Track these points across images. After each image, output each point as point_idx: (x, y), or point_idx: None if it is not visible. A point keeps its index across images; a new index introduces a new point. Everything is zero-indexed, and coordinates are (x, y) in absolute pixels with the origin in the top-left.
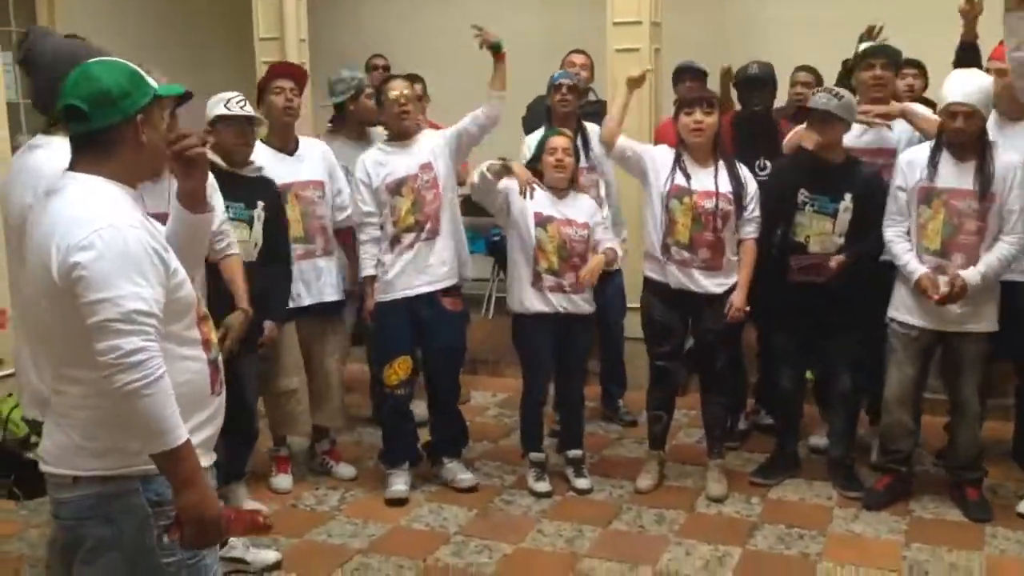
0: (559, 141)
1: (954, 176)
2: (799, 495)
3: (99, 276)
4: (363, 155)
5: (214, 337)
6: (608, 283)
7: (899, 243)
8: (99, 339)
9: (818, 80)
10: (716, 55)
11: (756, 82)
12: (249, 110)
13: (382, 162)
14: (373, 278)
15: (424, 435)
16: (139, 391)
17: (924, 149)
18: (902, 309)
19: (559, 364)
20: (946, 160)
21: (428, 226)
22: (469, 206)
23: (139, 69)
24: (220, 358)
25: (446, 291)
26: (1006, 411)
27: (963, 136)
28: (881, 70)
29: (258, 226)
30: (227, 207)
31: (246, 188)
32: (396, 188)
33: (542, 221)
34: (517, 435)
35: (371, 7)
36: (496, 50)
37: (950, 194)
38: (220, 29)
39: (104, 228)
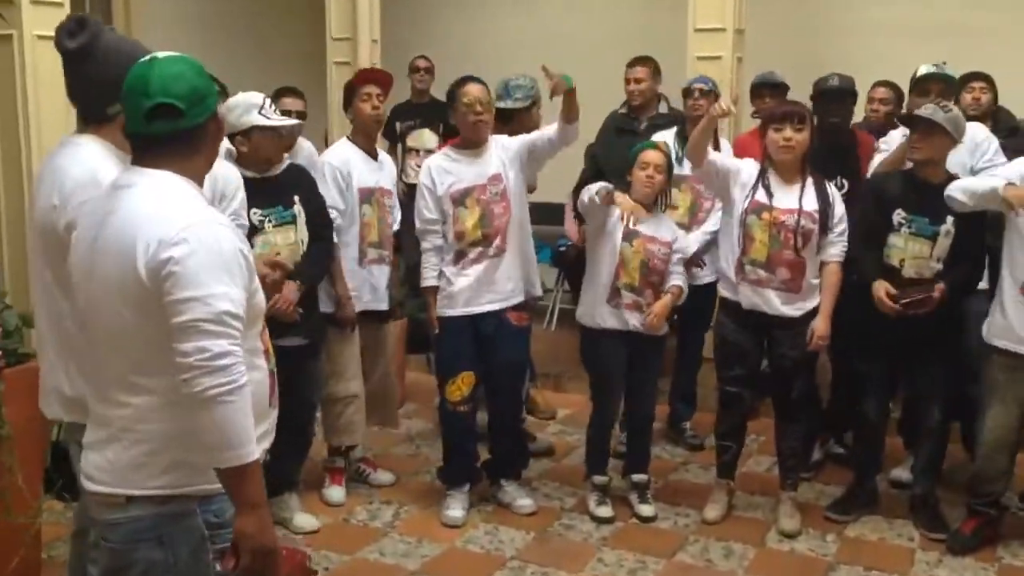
0: (653, 156)
1: None
2: (878, 534)
3: (191, 273)
4: (429, 160)
5: (271, 347)
6: (695, 294)
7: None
8: (184, 339)
9: (898, 97)
10: (799, 64)
11: (836, 95)
12: (278, 117)
13: (448, 169)
14: (435, 288)
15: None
16: (222, 397)
17: None
18: (1005, 336)
19: (629, 383)
20: None
21: (496, 242)
22: (536, 212)
23: None
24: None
25: (513, 306)
26: None
27: None
28: (937, 97)
29: (300, 222)
30: (266, 216)
31: (280, 188)
32: (461, 198)
33: (628, 235)
34: (579, 454)
35: (442, 9)
36: (567, 87)
37: None
38: (291, 28)
39: (197, 224)
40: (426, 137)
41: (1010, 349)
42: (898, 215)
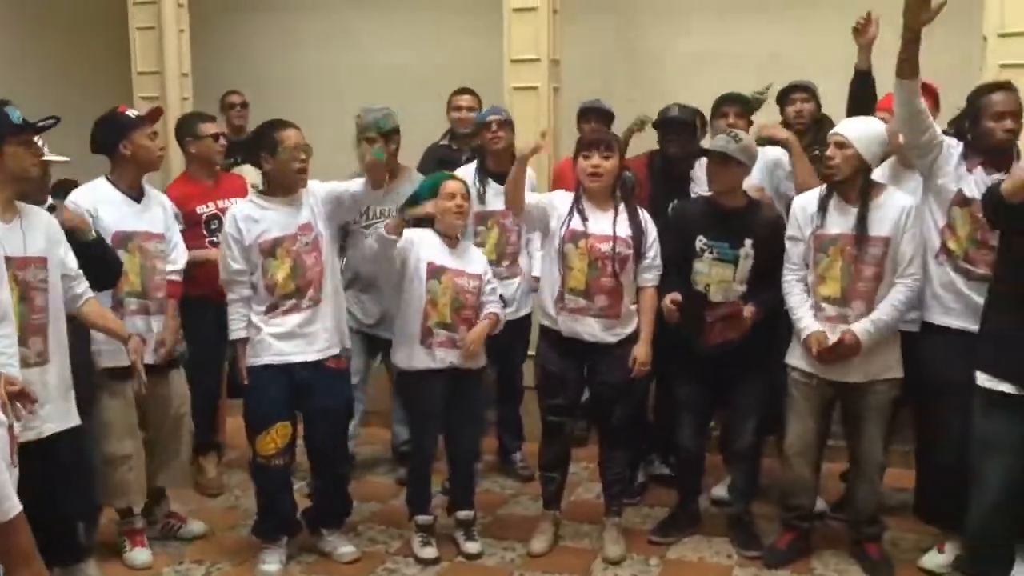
0: (457, 186)
1: (844, 221)
2: (699, 554)
3: None
4: (234, 209)
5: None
6: (511, 327)
7: (794, 295)
8: None
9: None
10: (616, 94)
11: (674, 125)
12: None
13: (256, 218)
14: (245, 340)
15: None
16: None
17: (815, 195)
18: (800, 357)
19: (450, 420)
20: (835, 205)
21: (310, 293)
22: None
23: None
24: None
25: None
26: (905, 456)
27: (834, 169)
28: (735, 119)
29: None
30: None
31: None
32: (271, 249)
33: (435, 272)
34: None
35: (260, 39)
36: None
37: (845, 240)
38: (97, 61)
39: None
40: (249, 172)
41: (800, 367)
42: (700, 241)
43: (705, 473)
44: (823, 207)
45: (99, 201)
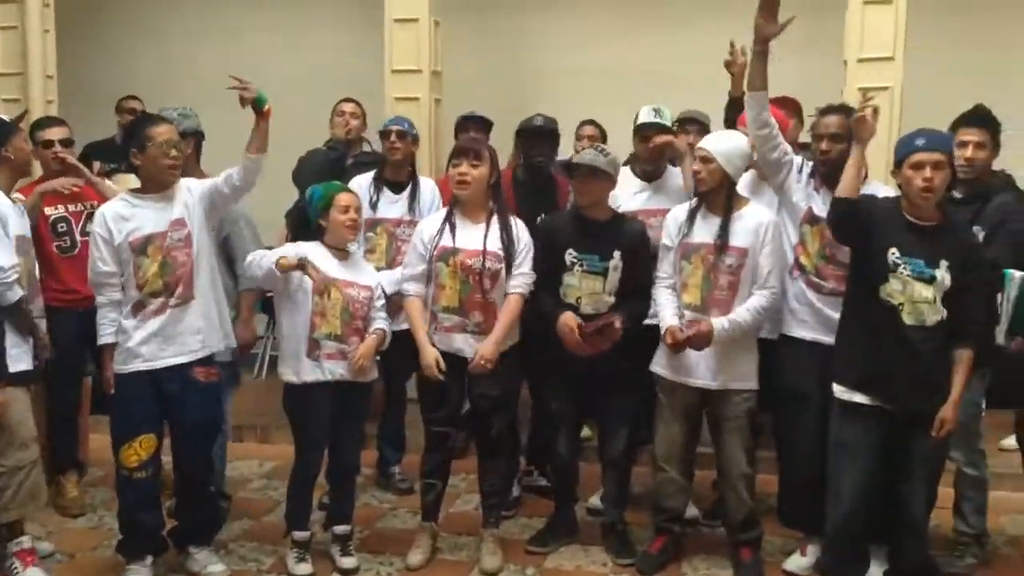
0: (350, 199)
1: (708, 231)
2: (575, 562)
3: None
4: (103, 208)
5: None
6: (398, 340)
7: (661, 299)
8: None
9: (603, 134)
10: (496, 106)
11: (539, 135)
12: None
13: (127, 216)
14: (113, 346)
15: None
16: None
17: (687, 206)
18: (664, 364)
19: (334, 434)
20: (702, 215)
21: (179, 291)
22: None
23: None
24: None
25: (199, 360)
26: (772, 463)
27: (700, 181)
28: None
29: None
30: None
31: None
32: (142, 247)
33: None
34: (282, 510)
35: (134, 41)
36: (259, 106)
37: (707, 249)
38: None
39: None
40: (132, 181)
41: (664, 374)
42: (570, 255)
43: (582, 484)
44: (691, 217)
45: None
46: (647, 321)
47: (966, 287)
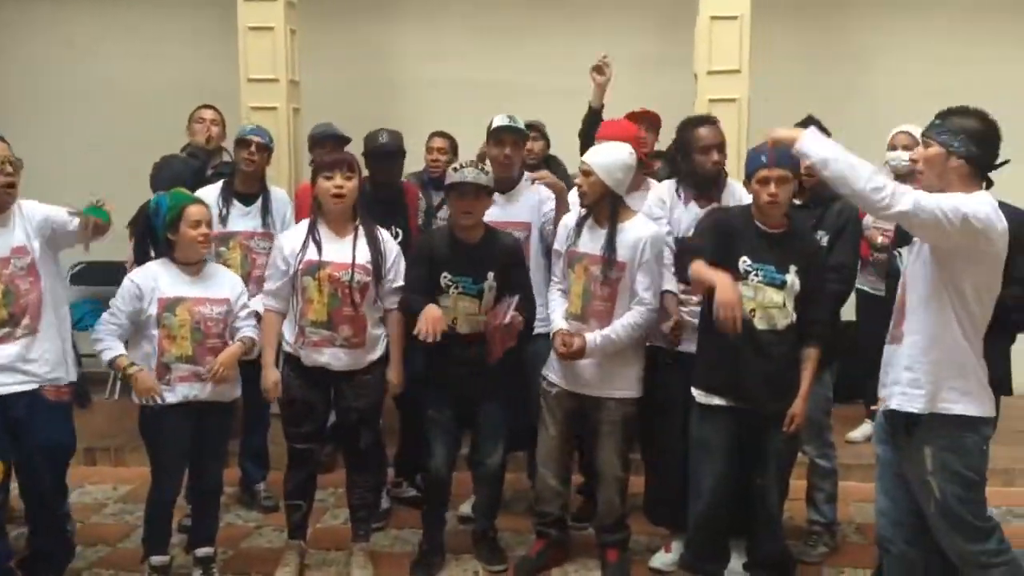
0: (201, 212)
1: (591, 242)
2: (446, 571)
3: None
4: None
5: None
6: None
7: (552, 301)
8: None
9: (453, 146)
10: (355, 116)
11: (385, 151)
12: None
13: None
14: None
15: None
16: None
17: (576, 213)
18: (550, 368)
19: (194, 455)
20: (589, 225)
21: (25, 321)
22: (85, 274)
23: None
24: None
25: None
26: (638, 463)
27: (582, 195)
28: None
29: None
30: None
31: None
32: None
33: (169, 305)
34: (139, 535)
35: None
36: (103, 221)
37: (589, 259)
38: None
39: None
40: None
41: (548, 377)
42: (445, 278)
43: (453, 493)
44: (579, 225)
45: None
46: (537, 330)
47: (812, 290)
